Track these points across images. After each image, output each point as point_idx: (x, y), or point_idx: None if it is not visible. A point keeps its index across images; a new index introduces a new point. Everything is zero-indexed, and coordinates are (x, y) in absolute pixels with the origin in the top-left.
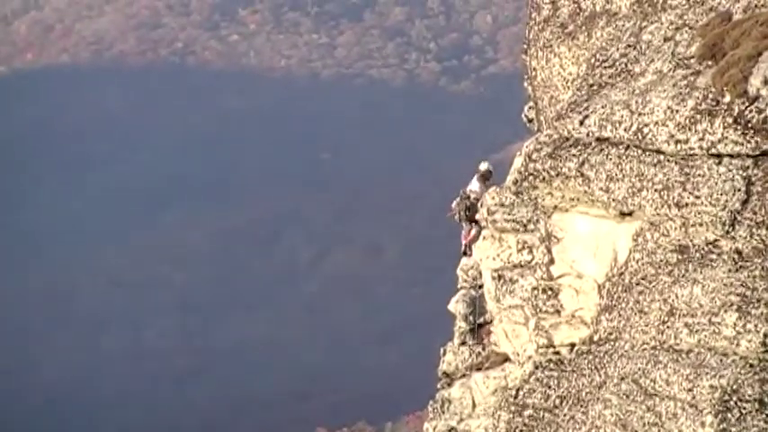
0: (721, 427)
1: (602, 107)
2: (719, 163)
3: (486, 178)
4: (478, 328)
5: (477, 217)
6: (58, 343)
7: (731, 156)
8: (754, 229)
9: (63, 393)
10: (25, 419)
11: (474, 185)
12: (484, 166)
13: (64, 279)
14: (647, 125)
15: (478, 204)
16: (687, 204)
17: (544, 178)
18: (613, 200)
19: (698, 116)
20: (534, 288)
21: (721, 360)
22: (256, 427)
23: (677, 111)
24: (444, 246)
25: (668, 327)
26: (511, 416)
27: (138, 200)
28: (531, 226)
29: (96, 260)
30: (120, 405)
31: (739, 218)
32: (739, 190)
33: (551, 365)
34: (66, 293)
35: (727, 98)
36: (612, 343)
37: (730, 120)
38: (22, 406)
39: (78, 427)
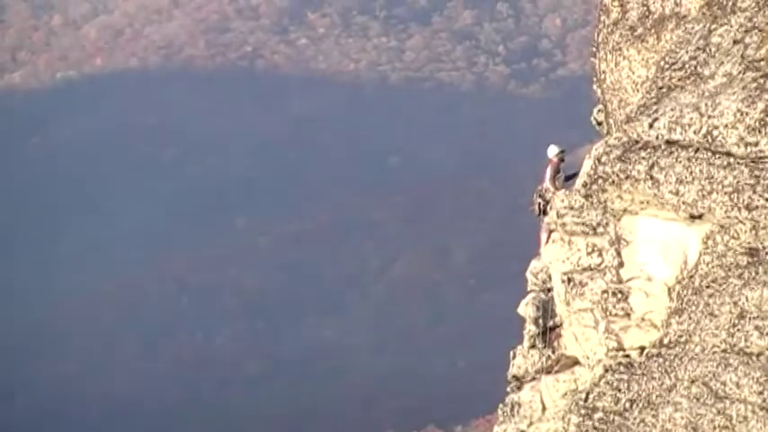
0: None
1: (672, 110)
2: None
3: (561, 162)
4: (548, 332)
5: (546, 219)
6: (126, 349)
7: None
8: None
9: (131, 400)
10: (93, 427)
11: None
12: (553, 150)
13: (133, 284)
14: (716, 128)
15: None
16: (757, 207)
17: (613, 181)
18: (683, 203)
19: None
20: (604, 291)
21: None
22: None
23: (747, 113)
24: (513, 249)
25: (738, 330)
26: (581, 419)
27: (208, 204)
28: (600, 229)
29: (165, 265)
30: (188, 411)
31: None
32: None
33: (621, 369)
34: (134, 299)
35: None
36: (683, 346)
37: None
38: (91, 413)
39: (146, 429)
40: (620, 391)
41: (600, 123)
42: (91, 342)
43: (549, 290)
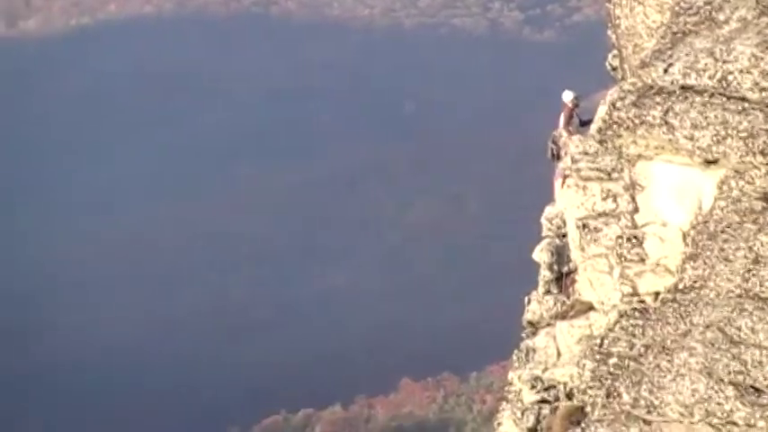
0: None
1: (687, 55)
2: None
3: (575, 107)
4: (563, 277)
5: (561, 165)
6: (135, 298)
7: None
8: None
9: (142, 349)
10: (106, 375)
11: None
12: (568, 96)
13: (141, 234)
14: (731, 73)
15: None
16: None
17: (628, 126)
18: (698, 148)
19: None
20: (619, 237)
21: None
22: (340, 379)
23: (762, 58)
24: (528, 196)
25: (753, 275)
26: (596, 364)
27: (219, 152)
28: (615, 174)
29: (175, 213)
30: (201, 358)
31: None
32: None
33: (636, 314)
34: (143, 248)
35: None
36: (697, 291)
37: None
38: (102, 361)
39: (158, 379)
40: (634, 336)
41: (614, 69)
42: (101, 290)
43: (564, 235)
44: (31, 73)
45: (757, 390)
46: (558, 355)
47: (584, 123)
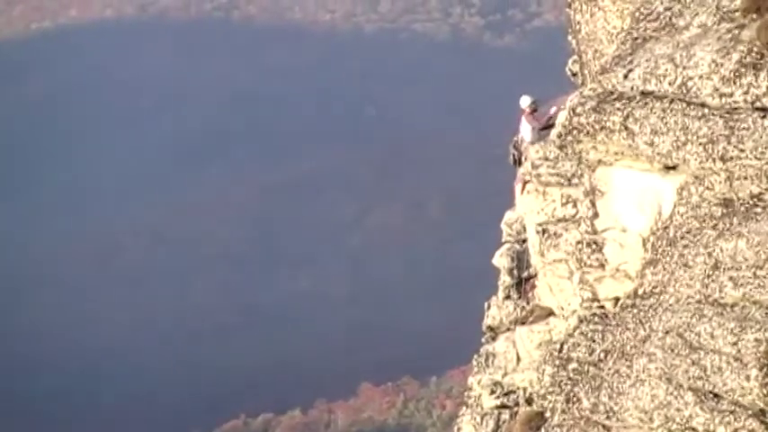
0: (766, 380)
1: (647, 61)
2: (764, 117)
3: (533, 112)
4: (523, 283)
5: (521, 171)
6: (101, 299)
7: None
8: None
9: (105, 350)
10: (68, 376)
11: (524, 128)
12: (526, 101)
13: (107, 235)
14: (691, 79)
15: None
16: (732, 158)
17: (588, 132)
18: (658, 153)
19: (742, 69)
20: (578, 242)
21: (766, 313)
22: (300, 383)
23: (722, 64)
24: (488, 200)
25: (713, 280)
26: (555, 369)
27: (182, 156)
28: (575, 180)
29: (140, 216)
30: (163, 361)
31: None
32: None
33: (596, 319)
34: (109, 249)
35: None
36: (657, 297)
37: None
38: (65, 362)
39: (119, 382)
40: (594, 341)
41: (575, 74)
42: (65, 292)
43: (524, 241)
44: None
45: (717, 395)
46: (518, 360)
47: (545, 128)
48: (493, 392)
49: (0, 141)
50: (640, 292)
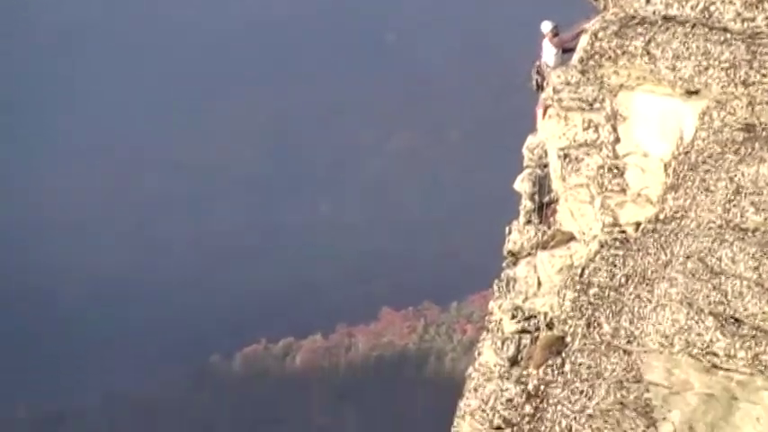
0: None
1: None
2: None
3: (555, 36)
4: (544, 208)
5: (543, 96)
6: (120, 227)
7: None
8: None
9: (123, 278)
10: (85, 306)
11: (546, 52)
12: (547, 26)
13: (123, 163)
14: (713, 3)
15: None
16: (754, 83)
17: (610, 57)
18: (680, 78)
19: None
20: (600, 167)
21: None
22: (321, 308)
23: None
24: (509, 125)
25: (734, 205)
26: (576, 294)
27: (201, 84)
28: (596, 105)
29: (157, 144)
30: (182, 287)
31: None
32: None
33: (617, 244)
34: (130, 178)
35: None
36: (678, 222)
37: None
38: (81, 291)
39: (138, 309)
40: (615, 266)
41: None
42: (81, 222)
43: (546, 165)
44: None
45: (738, 320)
46: (539, 284)
47: (566, 51)
48: (514, 317)
49: (15, 77)
50: (661, 216)
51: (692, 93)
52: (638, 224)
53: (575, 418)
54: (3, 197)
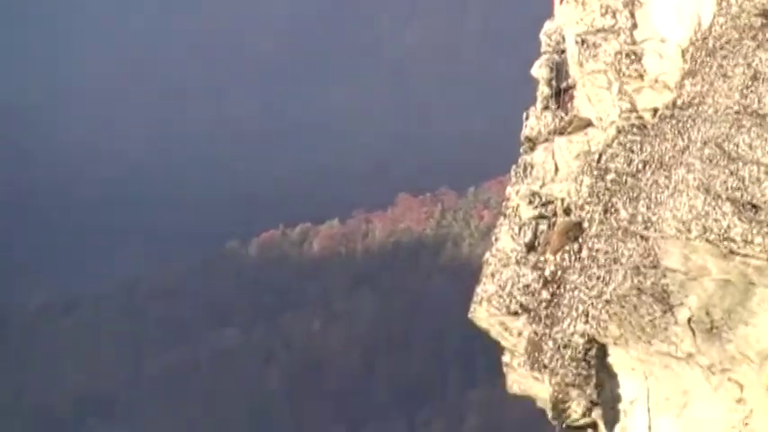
0: None
1: None
2: None
3: None
4: (561, 93)
5: None
6: (135, 112)
7: None
8: None
9: (141, 161)
10: (108, 184)
11: None
12: None
13: (142, 48)
14: None
15: None
16: None
17: None
18: None
19: None
20: (617, 53)
21: None
22: (338, 193)
23: None
24: (527, 10)
25: (752, 91)
26: (593, 180)
27: None
28: None
29: (175, 32)
30: (201, 171)
31: None
32: None
33: (634, 130)
34: (147, 62)
35: None
36: (696, 107)
37: None
38: (101, 174)
39: (156, 192)
40: (632, 152)
41: None
42: (103, 103)
43: (563, 51)
44: None
45: (755, 206)
46: (556, 170)
47: None
48: (531, 203)
49: None
50: (679, 102)
51: None
52: (655, 110)
53: (591, 303)
54: (30, 81)
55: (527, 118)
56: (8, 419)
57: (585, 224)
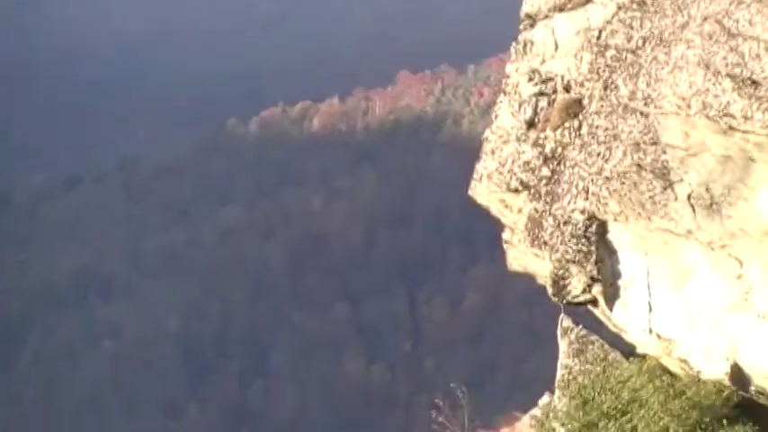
0: None
1: None
2: None
3: None
4: None
5: None
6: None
7: None
8: None
9: (144, 39)
10: (107, 68)
11: None
12: None
13: None
14: None
15: None
16: None
17: None
18: None
19: None
20: None
21: None
22: (338, 71)
23: None
24: None
25: None
26: (593, 57)
27: None
28: None
29: None
30: (202, 53)
31: None
32: None
33: (634, 6)
34: None
35: None
36: None
37: None
38: (102, 52)
39: (159, 72)
40: (632, 28)
41: None
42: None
43: None
44: None
45: (754, 82)
46: (556, 47)
47: None
48: (531, 80)
49: None
50: None
51: None
52: None
53: (591, 180)
54: None
55: None
56: (10, 296)
57: (585, 101)
